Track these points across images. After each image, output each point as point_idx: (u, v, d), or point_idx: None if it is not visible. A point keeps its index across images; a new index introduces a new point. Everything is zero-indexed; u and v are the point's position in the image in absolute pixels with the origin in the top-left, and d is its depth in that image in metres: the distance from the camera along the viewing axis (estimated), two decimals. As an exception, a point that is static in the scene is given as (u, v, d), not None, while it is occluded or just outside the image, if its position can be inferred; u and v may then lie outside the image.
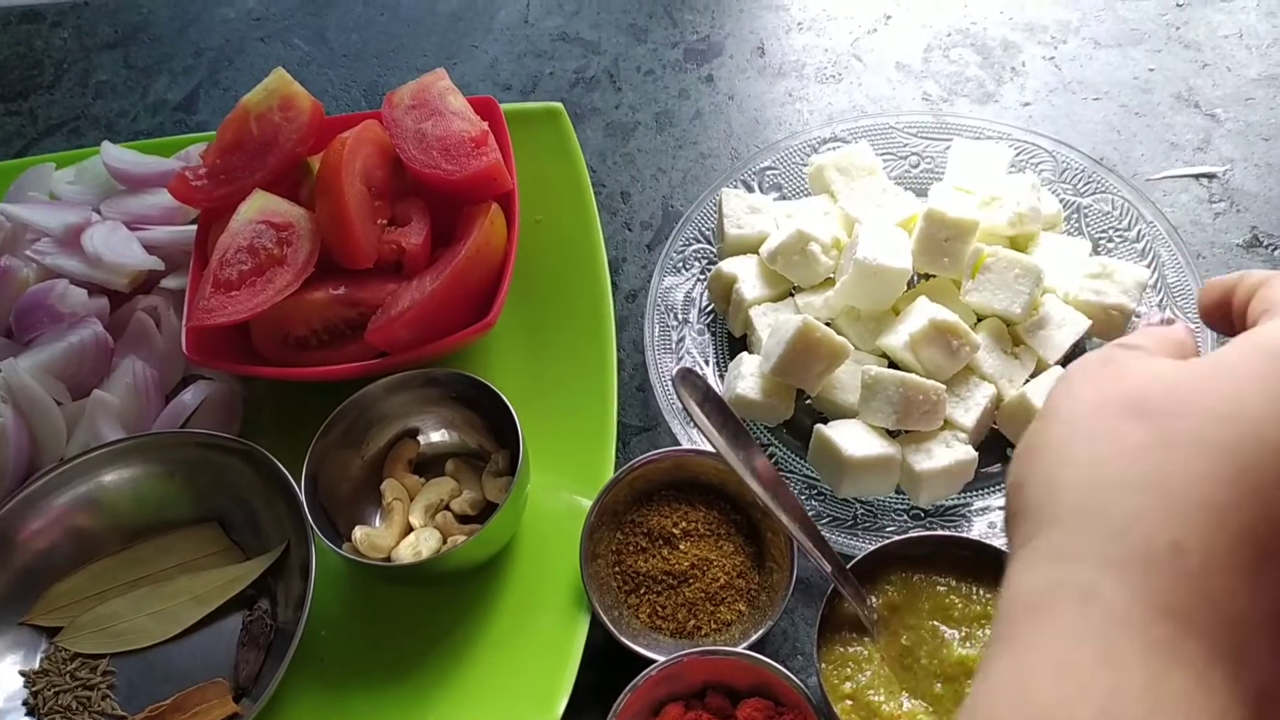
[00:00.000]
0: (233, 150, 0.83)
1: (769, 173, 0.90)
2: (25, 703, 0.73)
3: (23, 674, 0.74)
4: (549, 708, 0.68)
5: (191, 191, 0.83)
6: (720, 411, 0.69)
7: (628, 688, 0.66)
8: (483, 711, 0.70)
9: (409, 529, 0.76)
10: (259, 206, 0.80)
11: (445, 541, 0.74)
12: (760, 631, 0.69)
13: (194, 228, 0.89)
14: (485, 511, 0.76)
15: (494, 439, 0.79)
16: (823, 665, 0.66)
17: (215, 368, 0.80)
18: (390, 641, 0.75)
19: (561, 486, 0.78)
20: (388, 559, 0.73)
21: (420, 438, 0.80)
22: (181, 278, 0.86)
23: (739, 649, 0.67)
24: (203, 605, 0.77)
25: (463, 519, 0.76)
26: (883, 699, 0.64)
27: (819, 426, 0.74)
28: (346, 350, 0.79)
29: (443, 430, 0.80)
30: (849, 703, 0.65)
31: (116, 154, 0.93)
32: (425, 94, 0.83)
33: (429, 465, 0.80)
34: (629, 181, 0.96)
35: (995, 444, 0.76)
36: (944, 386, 0.72)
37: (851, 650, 0.67)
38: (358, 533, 0.74)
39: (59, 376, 0.81)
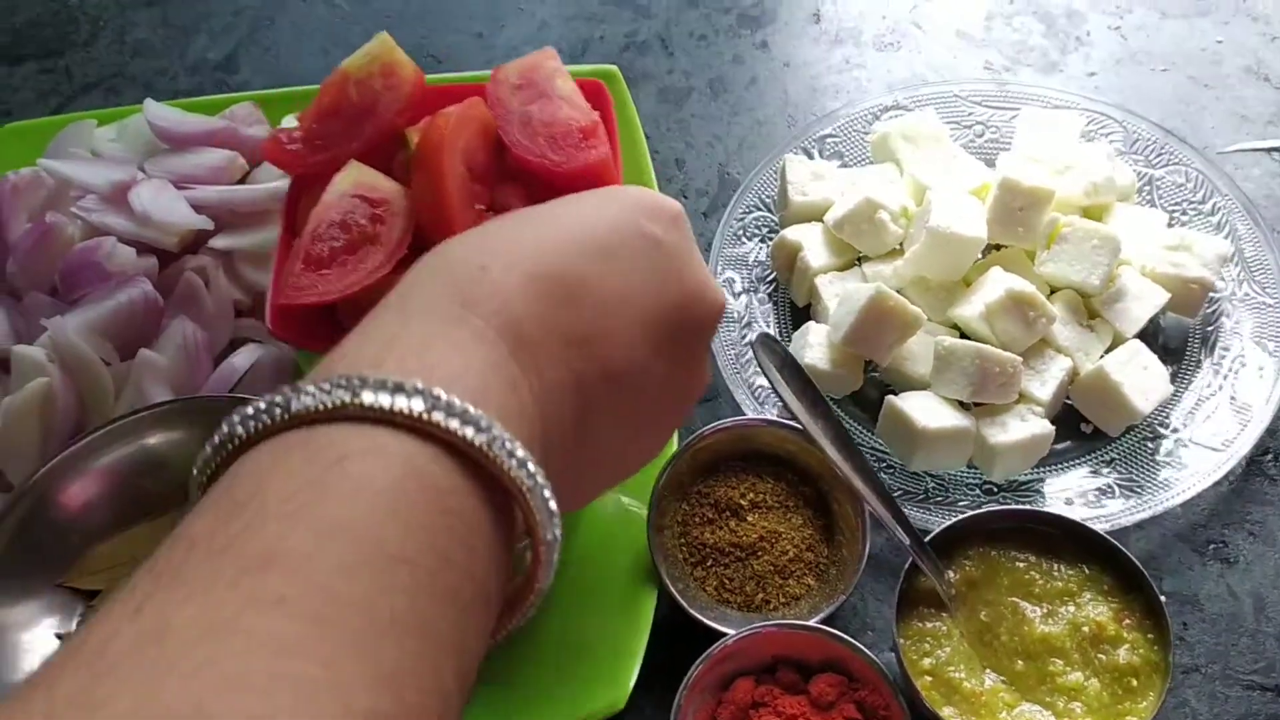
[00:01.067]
0: (329, 116, 0.80)
1: (829, 140, 0.88)
2: None
3: (59, 637, 0.73)
4: (618, 686, 0.66)
5: (284, 155, 0.80)
6: (799, 378, 0.67)
7: (699, 660, 0.64)
8: (546, 692, 0.68)
9: None
10: (354, 179, 0.76)
11: None
12: (832, 606, 0.67)
13: (242, 188, 0.87)
14: None
15: None
16: (901, 641, 0.64)
17: (301, 347, 0.76)
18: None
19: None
20: None
21: None
22: (230, 237, 0.84)
23: (812, 623, 0.66)
24: None
25: None
26: (964, 675, 0.63)
27: (890, 398, 0.72)
28: None
29: None
30: (929, 679, 0.63)
31: (160, 112, 0.91)
32: (533, 74, 0.79)
33: None
34: (683, 148, 0.94)
35: (1068, 419, 0.75)
36: (1020, 359, 0.71)
37: (929, 626, 0.65)
38: None
39: (106, 336, 0.79)
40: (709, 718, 0.65)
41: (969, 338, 0.74)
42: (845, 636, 0.64)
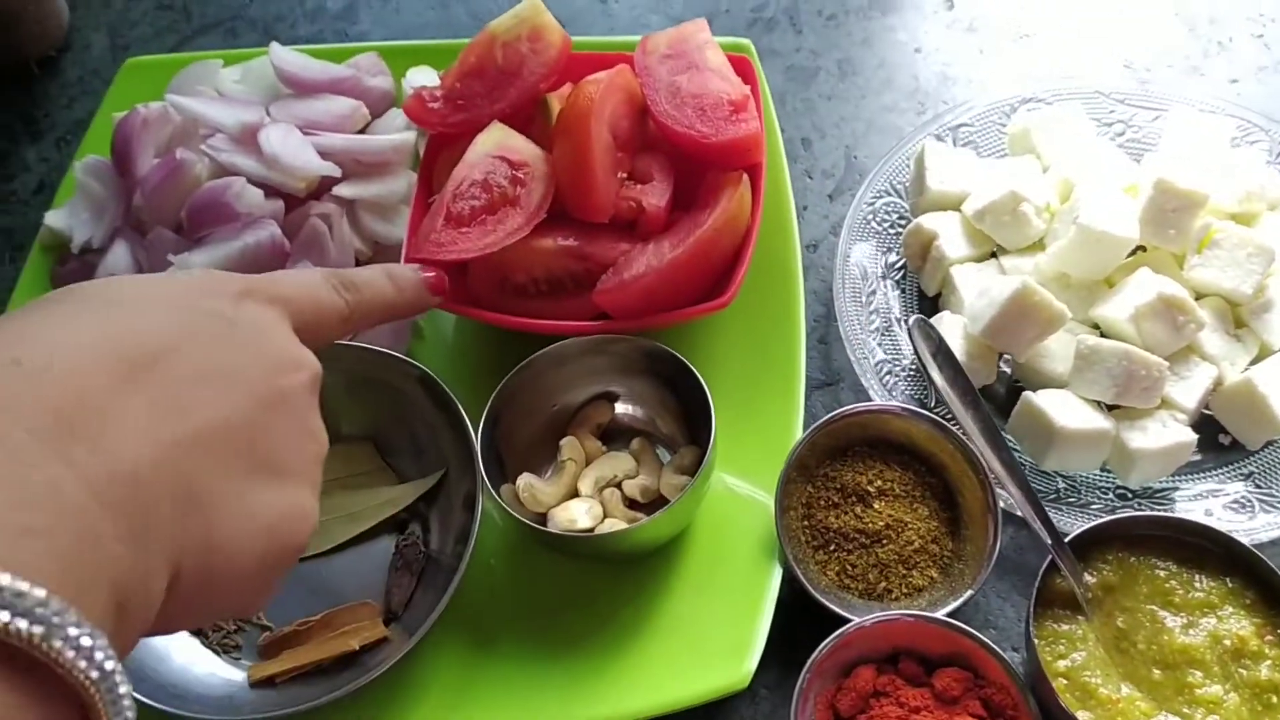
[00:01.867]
0: (473, 76, 0.79)
1: (963, 129, 0.86)
2: None
3: None
4: (741, 666, 0.65)
5: (426, 112, 0.79)
6: (951, 365, 0.66)
7: (825, 644, 0.63)
8: (669, 671, 0.67)
9: (575, 494, 0.72)
10: (496, 140, 0.76)
11: (603, 520, 0.71)
12: (959, 601, 0.66)
13: (369, 138, 0.86)
14: (654, 503, 0.72)
15: (686, 430, 0.74)
16: (1036, 641, 0.63)
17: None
18: (555, 583, 0.72)
19: (748, 436, 0.74)
20: (543, 515, 0.70)
21: (618, 404, 0.76)
22: (354, 186, 0.83)
23: (939, 615, 0.65)
24: (355, 524, 0.74)
25: (630, 503, 0.72)
26: (1099, 681, 0.62)
27: (1027, 394, 0.71)
28: (564, 304, 0.75)
29: (638, 406, 0.76)
30: (1063, 681, 0.62)
31: (286, 56, 0.90)
32: (683, 45, 0.78)
33: (614, 435, 0.76)
34: (809, 128, 0.92)
35: (1204, 428, 0.73)
36: (1166, 363, 0.69)
37: (1064, 628, 0.64)
38: (522, 480, 0.71)
39: (233, 277, 0.78)
40: (829, 703, 0.64)
41: (1108, 338, 0.72)
42: (976, 633, 0.63)
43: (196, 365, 0.40)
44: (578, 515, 0.70)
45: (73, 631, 0.31)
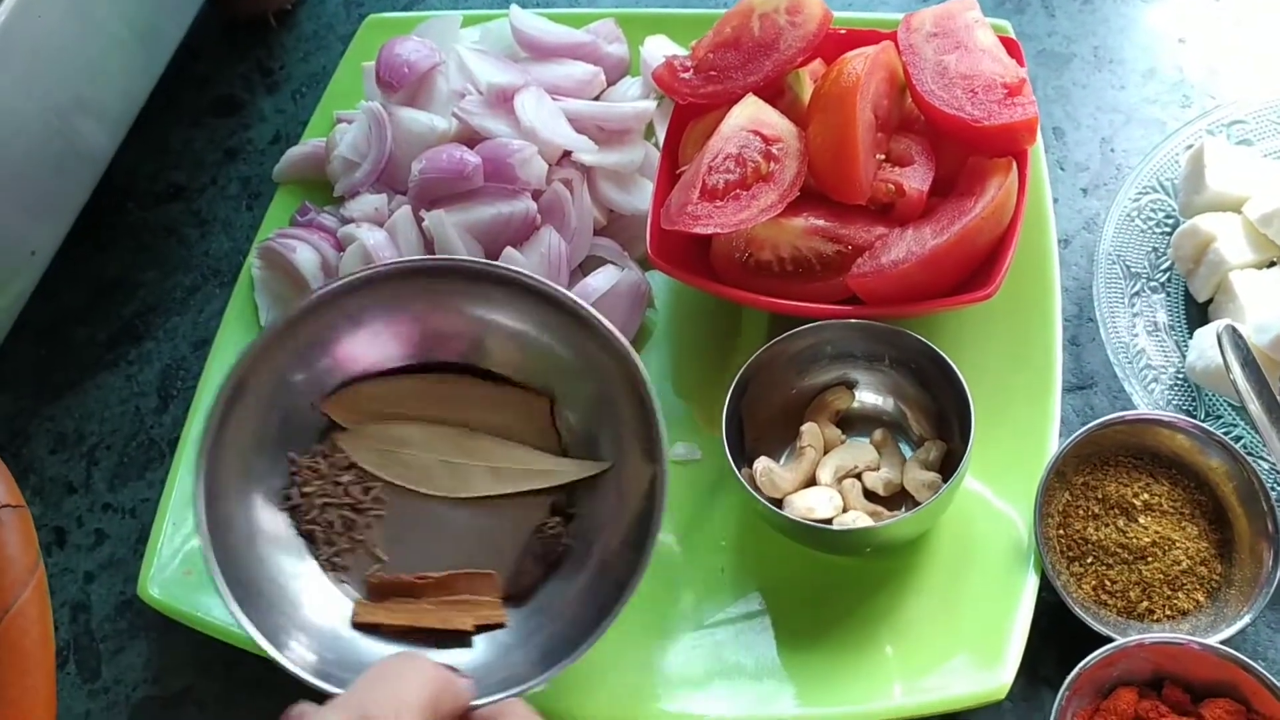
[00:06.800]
0: (729, 47, 0.78)
1: (1237, 126, 0.81)
2: (286, 497, 0.68)
3: (292, 459, 0.68)
4: (993, 673, 0.63)
5: (677, 82, 0.78)
6: (1257, 379, 0.62)
7: (1088, 660, 0.60)
8: (911, 666, 0.65)
9: (813, 481, 0.70)
10: (750, 114, 0.74)
11: (844, 510, 0.68)
12: (1231, 628, 0.62)
13: (613, 105, 0.86)
14: (895, 497, 0.70)
15: (930, 424, 0.71)
16: (1327, 681, 0.59)
17: (675, 276, 0.74)
18: (788, 571, 0.70)
19: (996, 436, 0.71)
20: (779, 501, 0.68)
21: (857, 392, 0.74)
22: (595, 153, 0.82)
23: (1212, 643, 0.61)
24: (498, 482, 0.69)
25: (870, 495, 0.70)
26: (1397, 729, 0.57)
27: (1318, 415, 0.66)
28: (808, 286, 0.72)
29: (884, 395, 0.73)
30: (1356, 726, 0.58)
31: (526, 20, 0.90)
32: (950, 23, 0.75)
33: (852, 423, 0.74)
34: (1062, 117, 0.88)
35: None
36: None
37: (1358, 671, 0.59)
38: (760, 463, 0.69)
39: (479, 238, 0.78)
40: (1086, 724, 0.61)
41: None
42: (1258, 667, 0.59)
43: None
44: (817, 504, 0.68)
45: None
